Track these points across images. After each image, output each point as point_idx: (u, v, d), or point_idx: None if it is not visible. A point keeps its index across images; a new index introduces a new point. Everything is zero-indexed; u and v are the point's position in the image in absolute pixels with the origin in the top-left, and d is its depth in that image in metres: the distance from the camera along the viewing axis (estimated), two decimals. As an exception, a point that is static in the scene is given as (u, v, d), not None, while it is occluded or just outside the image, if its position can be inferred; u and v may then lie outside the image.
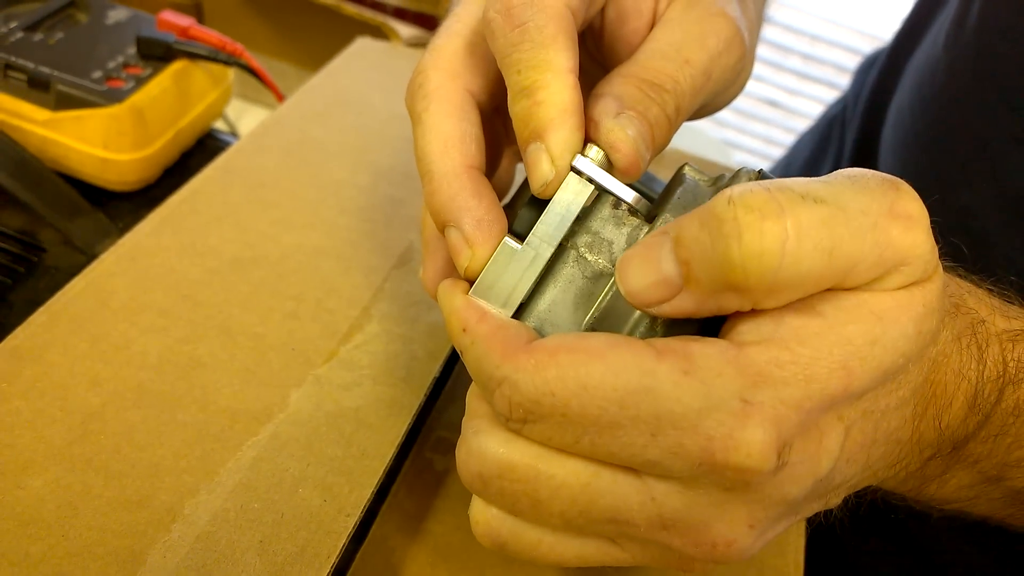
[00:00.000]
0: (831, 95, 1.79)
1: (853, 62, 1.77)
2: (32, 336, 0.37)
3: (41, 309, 0.38)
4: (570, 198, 0.28)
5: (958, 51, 0.52)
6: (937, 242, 0.26)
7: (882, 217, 0.24)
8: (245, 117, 0.71)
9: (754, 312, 0.25)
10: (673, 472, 0.24)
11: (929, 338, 0.26)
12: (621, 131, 0.28)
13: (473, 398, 0.28)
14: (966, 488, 0.32)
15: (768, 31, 1.79)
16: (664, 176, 0.34)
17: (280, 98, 0.58)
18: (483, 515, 0.28)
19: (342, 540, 0.32)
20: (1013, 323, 0.30)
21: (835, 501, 0.29)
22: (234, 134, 0.62)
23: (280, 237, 0.44)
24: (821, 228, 0.23)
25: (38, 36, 0.51)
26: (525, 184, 0.31)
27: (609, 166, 0.28)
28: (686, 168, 0.30)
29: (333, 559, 0.31)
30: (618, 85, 0.30)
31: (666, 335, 0.27)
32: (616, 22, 0.34)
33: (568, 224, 0.28)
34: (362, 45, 0.62)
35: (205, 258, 0.42)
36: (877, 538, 0.55)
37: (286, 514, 0.32)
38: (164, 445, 0.34)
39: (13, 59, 0.49)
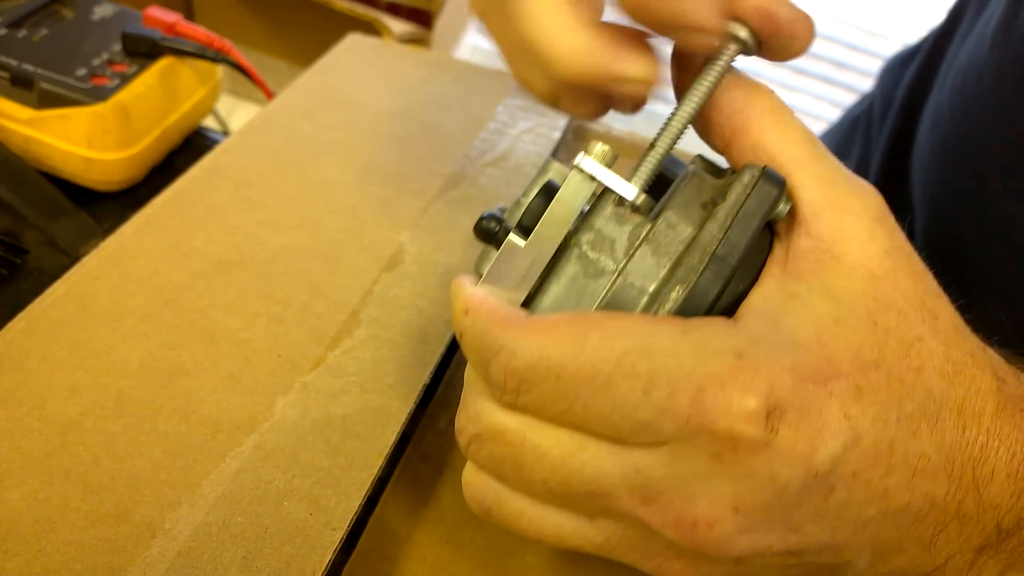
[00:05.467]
0: (831, 91, 1.78)
1: (853, 58, 1.77)
2: (10, 343, 0.36)
3: (20, 315, 0.37)
4: (573, 196, 0.28)
5: (1006, 52, 0.50)
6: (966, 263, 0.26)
7: None
8: (236, 113, 0.70)
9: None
10: (662, 434, 0.24)
11: (894, 337, 0.26)
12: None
13: (473, 372, 0.29)
14: None
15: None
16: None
17: (269, 95, 0.57)
18: (472, 478, 0.29)
19: (328, 555, 0.30)
20: None
21: (855, 553, 0.27)
22: (225, 132, 0.61)
23: (267, 238, 0.43)
24: None
25: (22, 33, 0.50)
26: (533, 182, 0.32)
27: (612, 164, 0.29)
28: (696, 161, 0.30)
29: (319, 575, 0.30)
30: None
31: None
32: None
33: (570, 221, 0.28)
34: (353, 41, 0.61)
35: (190, 260, 0.41)
36: None
37: (270, 528, 0.31)
38: (144, 456, 0.33)
39: (-5, 56, 0.48)
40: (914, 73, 0.64)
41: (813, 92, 1.80)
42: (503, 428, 0.27)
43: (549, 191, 0.30)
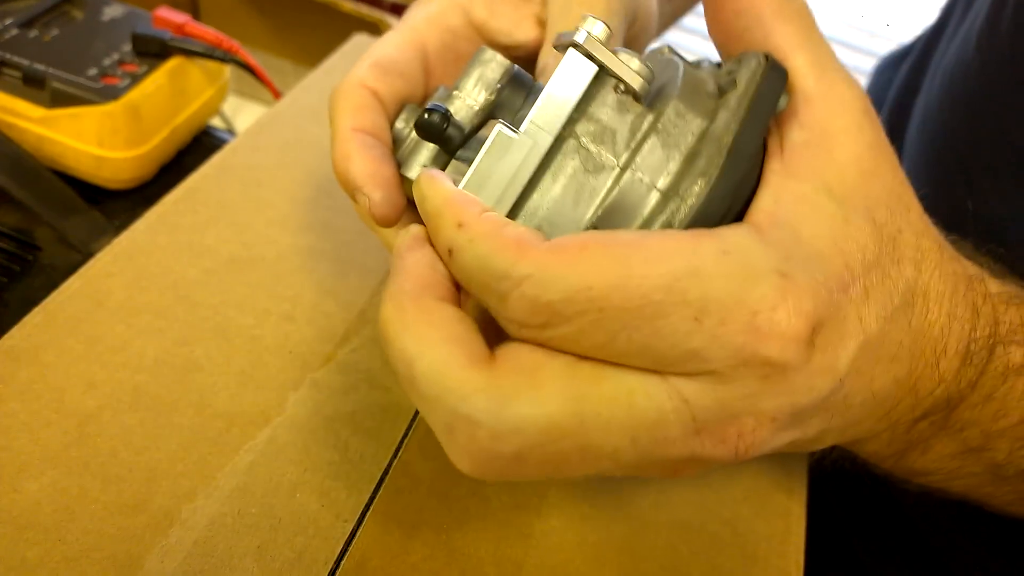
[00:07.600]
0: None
1: (845, 55, 1.78)
2: (28, 337, 0.37)
3: (37, 309, 0.38)
4: (571, 79, 0.25)
5: (991, 53, 0.50)
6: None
7: None
8: (242, 113, 0.71)
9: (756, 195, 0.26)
10: (711, 362, 0.23)
11: (885, 232, 0.26)
12: None
13: (448, 377, 0.24)
14: (948, 458, 0.32)
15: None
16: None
17: (277, 95, 0.57)
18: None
19: (340, 545, 0.32)
20: (1006, 286, 0.31)
21: (832, 431, 0.28)
22: (231, 131, 0.62)
23: (276, 237, 0.44)
24: None
25: (33, 33, 0.51)
26: (466, 74, 0.30)
27: (610, 44, 0.25)
28: (669, 50, 0.28)
29: (331, 565, 0.31)
30: None
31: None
32: None
33: (570, 109, 0.25)
34: (359, 42, 0.62)
35: (202, 258, 0.42)
36: (882, 538, 0.54)
37: (283, 519, 0.32)
38: (161, 449, 0.34)
39: (8, 56, 0.49)
40: (905, 73, 0.64)
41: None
42: (553, 419, 0.23)
43: (518, 81, 0.28)
